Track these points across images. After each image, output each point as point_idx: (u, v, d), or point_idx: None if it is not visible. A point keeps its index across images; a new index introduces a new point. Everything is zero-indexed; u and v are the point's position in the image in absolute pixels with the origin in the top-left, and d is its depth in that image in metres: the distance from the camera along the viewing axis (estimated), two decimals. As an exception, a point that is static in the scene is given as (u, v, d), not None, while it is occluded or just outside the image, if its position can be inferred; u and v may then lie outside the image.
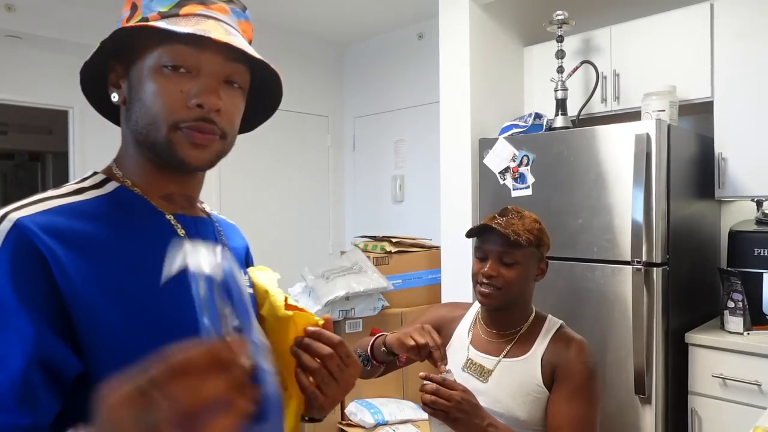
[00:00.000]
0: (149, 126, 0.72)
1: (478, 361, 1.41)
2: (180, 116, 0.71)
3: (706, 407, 2.12)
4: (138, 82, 0.73)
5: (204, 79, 0.72)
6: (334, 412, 2.83)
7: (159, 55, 0.71)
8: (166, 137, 0.72)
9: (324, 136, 4.36)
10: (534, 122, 2.60)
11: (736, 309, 2.16)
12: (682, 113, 2.44)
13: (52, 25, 3.25)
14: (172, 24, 0.70)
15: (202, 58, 0.71)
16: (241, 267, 0.91)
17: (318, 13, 3.74)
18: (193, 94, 0.71)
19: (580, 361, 1.34)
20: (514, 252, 1.35)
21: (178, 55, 0.71)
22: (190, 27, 0.70)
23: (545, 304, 2.36)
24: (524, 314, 1.43)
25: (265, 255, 3.84)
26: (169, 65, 0.71)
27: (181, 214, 0.80)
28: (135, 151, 0.76)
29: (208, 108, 0.71)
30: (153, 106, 0.71)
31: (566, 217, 2.33)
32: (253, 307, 0.88)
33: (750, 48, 2.28)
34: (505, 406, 1.34)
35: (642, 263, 2.09)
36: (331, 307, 2.80)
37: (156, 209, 0.76)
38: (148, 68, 0.72)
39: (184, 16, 0.73)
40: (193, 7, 0.74)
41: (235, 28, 0.77)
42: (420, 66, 3.86)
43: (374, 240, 3.34)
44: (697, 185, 2.37)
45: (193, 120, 0.71)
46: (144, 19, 0.73)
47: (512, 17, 2.98)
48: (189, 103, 0.71)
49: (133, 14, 0.75)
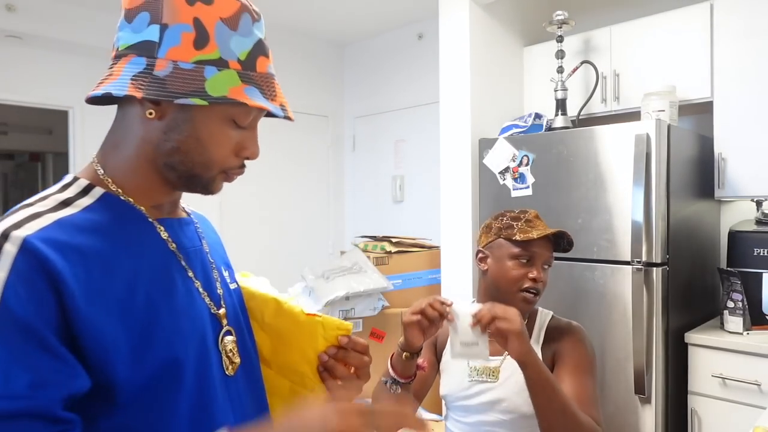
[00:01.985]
0: (200, 165, 0.74)
1: (487, 363, 1.41)
2: (230, 164, 0.76)
3: (705, 407, 2.12)
4: (200, 120, 0.72)
5: (251, 130, 0.77)
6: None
7: (233, 110, 0.73)
8: (213, 178, 0.76)
9: (324, 136, 4.36)
10: (534, 122, 2.60)
11: (736, 309, 2.16)
12: (682, 113, 2.44)
13: (52, 25, 3.25)
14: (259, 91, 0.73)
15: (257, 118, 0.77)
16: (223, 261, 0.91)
17: (318, 13, 3.74)
18: (243, 146, 0.76)
19: (575, 340, 1.39)
20: (552, 256, 1.43)
21: (248, 119, 0.75)
22: (272, 100, 0.74)
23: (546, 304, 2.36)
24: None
25: (265, 255, 3.86)
26: (235, 122, 0.74)
27: (169, 218, 0.80)
28: (146, 164, 0.74)
29: (254, 159, 0.78)
30: (213, 152, 0.74)
31: (566, 217, 2.33)
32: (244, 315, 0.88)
33: (750, 48, 2.28)
34: (512, 403, 1.35)
35: (642, 263, 2.09)
36: (331, 307, 2.80)
37: (144, 216, 0.76)
38: (219, 114, 0.72)
39: (260, 74, 0.74)
40: (264, 62, 0.75)
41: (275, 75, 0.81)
42: (420, 66, 3.86)
43: (374, 240, 3.34)
44: (697, 185, 2.37)
45: (238, 167, 0.78)
46: (223, 61, 0.70)
47: (512, 17, 2.98)
48: (242, 154, 0.77)
49: (204, 43, 0.70)
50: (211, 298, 0.80)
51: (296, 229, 4.13)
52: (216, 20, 0.70)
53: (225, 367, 0.79)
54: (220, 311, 0.81)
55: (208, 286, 0.81)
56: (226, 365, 0.79)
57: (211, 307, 0.80)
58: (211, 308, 0.80)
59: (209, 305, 0.80)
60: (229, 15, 0.71)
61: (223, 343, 0.79)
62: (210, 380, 0.75)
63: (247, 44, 0.72)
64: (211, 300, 0.80)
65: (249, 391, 0.83)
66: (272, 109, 0.73)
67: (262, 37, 0.75)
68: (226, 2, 0.71)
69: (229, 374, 0.79)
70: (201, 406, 0.73)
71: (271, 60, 0.77)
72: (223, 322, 0.81)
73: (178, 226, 0.81)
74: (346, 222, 4.46)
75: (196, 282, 0.79)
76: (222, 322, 0.81)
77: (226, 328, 0.81)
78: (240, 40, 0.71)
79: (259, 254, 3.83)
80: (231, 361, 0.80)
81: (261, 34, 0.75)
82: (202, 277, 0.80)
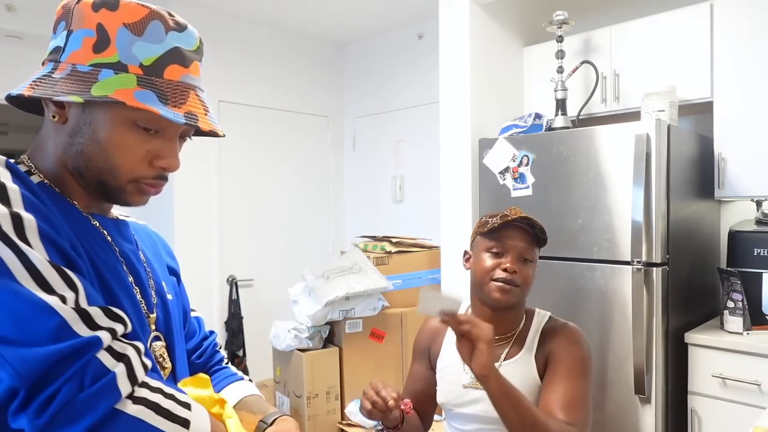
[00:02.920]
0: (105, 171, 0.73)
1: None
2: (141, 173, 0.74)
3: (705, 407, 2.12)
4: (99, 123, 0.71)
5: (168, 141, 0.74)
6: (335, 412, 2.83)
7: (135, 113, 0.71)
8: (122, 188, 0.74)
9: (324, 136, 4.36)
10: (534, 122, 2.60)
11: (736, 309, 2.16)
12: (682, 113, 2.44)
13: (52, 25, 3.25)
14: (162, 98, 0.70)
15: (172, 124, 0.73)
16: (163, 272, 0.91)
17: (318, 13, 3.74)
18: (157, 155, 0.73)
19: (570, 342, 1.36)
20: (533, 250, 1.38)
21: (155, 122, 0.72)
22: (178, 108, 0.71)
23: (546, 304, 2.36)
24: (521, 314, 1.44)
25: (265, 255, 3.85)
26: (142, 126, 0.72)
27: (100, 215, 0.80)
28: (62, 169, 0.75)
29: (171, 171, 0.75)
30: (116, 157, 0.72)
31: (566, 217, 2.33)
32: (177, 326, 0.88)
33: (750, 48, 2.28)
34: None
35: (642, 263, 2.10)
36: (331, 307, 2.80)
37: (80, 211, 0.76)
38: (117, 117, 0.71)
39: (168, 82, 0.72)
40: (176, 70, 0.73)
41: (203, 89, 0.78)
42: (420, 66, 3.86)
43: (374, 240, 3.34)
44: (697, 185, 2.37)
45: (152, 178, 0.75)
46: (122, 65, 0.70)
47: (512, 17, 2.98)
48: (155, 163, 0.73)
49: (104, 47, 0.71)
50: (144, 300, 0.80)
51: (296, 229, 4.13)
52: (119, 25, 0.71)
53: None
54: (151, 315, 0.81)
55: (141, 287, 0.81)
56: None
57: (142, 306, 0.79)
58: (143, 308, 0.79)
59: (141, 304, 0.79)
60: (134, 21, 0.71)
61: (152, 347, 0.79)
62: None
63: (155, 51, 0.72)
64: (144, 301, 0.80)
65: None
66: (163, 113, 0.69)
67: (186, 48, 0.74)
68: (132, 8, 0.72)
69: None
70: None
71: (195, 72, 0.76)
72: (152, 327, 0.81)
73: (113, 225, 0.82)
74: (346, 222, 4.46)
75: (130, 277, 0.79)
76: (150, 326, 0.80)
77: (155, 333, 0.81)
78: (145, 46, 0.71)
79: (258, 254, 3.83)
80: (162, 366, 0.80)
81: (183, 45, 0.74)
82: (135, 277, 0.80)
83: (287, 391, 2.89)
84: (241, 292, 3.66)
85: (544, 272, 2.40)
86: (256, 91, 3.85)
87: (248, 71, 3.81)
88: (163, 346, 0.82)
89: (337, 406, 2.85)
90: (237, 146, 3.71)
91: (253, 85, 3.83)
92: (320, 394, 2.78)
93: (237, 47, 3.75)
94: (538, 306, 1.50)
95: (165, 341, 0.83)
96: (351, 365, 2.88)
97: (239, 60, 3.76)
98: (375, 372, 2.86)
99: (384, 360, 2.97)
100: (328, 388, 2.81)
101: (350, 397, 2.84)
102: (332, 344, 2.94)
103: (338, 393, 2.85)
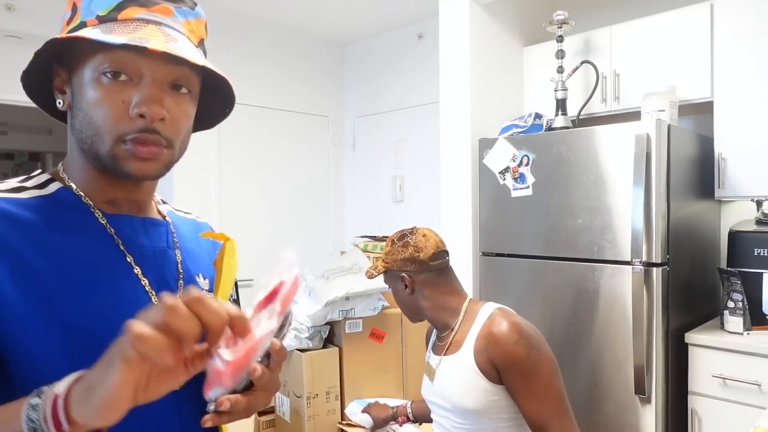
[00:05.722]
0: (93, 137, 0.70)
1: (430, 362, 1.51)
2: (123, 128, 0.68)
3: (706, 407, 2.12)
4: (79, 89, 0.70)
5: (146, 87, 0.68)
6: (335, 412, 2.83)
7: (98, 61, 0.68)
8: (111, 151, 0.69)
9: (324, 136, 4.35)
10: (534, 122, 2.60)
11: (736, 309, 2.16)
12: (682, 113, 2.44)
13: (52, 25, 3.25)
14: (108, 31, 0.67)
15: (143, 64, 0.68)
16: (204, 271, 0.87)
17: (318, 13, 3.73)
18: (134, 103, 0.67)
19: (512, 343, 1.32)
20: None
21: (118, 62, 0.68)
22: (126, 35, 0.67)
23: (546, 304, 2.37)
24: (445, 318, 1.48)
25: (265, 255, 3.85)
26: (108, 72, 0.68)
27: (128, 215, 0.78)
28: (80, 156, 0.74)
29: (151, 118, 0.68)
30: (95, 117, 0.69)
31: (566, 217, 2.33)
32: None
33: (750, 48, 2.28)
34: (450, 400, 1.40)
35: (642, 263, 2.09)
36: (331, 307, 2.80)
37: (90, 210, 0.74)
38: (89, 76, 0.69)
39: (122, 21, 0.69)
40: (132, 11, 0.70)
41: (180, 30, 0.73)
42: (420, 66, 3.86)
43: (374, 240, 3.34)
44: (697, 185, 2.37)
45: (137, 132, 0.68)
46: (82, 23, 0.70)
47: (512, 17, 2.98)
48: (131, 112, 0.68)
49: (74, 16, 0.72)
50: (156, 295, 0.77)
51: (296, 229, 4.13)
52: None
53: None
54: None
55: (161, 287, 0.77)
56: None
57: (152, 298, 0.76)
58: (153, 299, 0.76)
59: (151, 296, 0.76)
60: None
61: None
62: None
63: (111, 1, 0.70)
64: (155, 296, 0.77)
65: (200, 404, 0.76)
66: (93, 37, 0.66)
67: None
68: None
69: None
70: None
71: (163, 12, 0.72)
72: None
73: (140, 224, 0.78)
74: (346, 222, 4.46)
75: (144, 280, 0.75)
76: None
77: None
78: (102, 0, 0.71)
79: (258, 254, 3.82)
80: None
81: None
82: (153, 278, 0.77)
83: (287, 391, 2.89)
84: (241, 292, 3.62)
85: (544, 272, 2.41)
86: (256, 91, 3.85)
87: (248, 71, 3.81)
88: None
89: (337, 406, 2.85)
90: (237, 146, 3.71)
91: (252, 85, 3.83)
92: (320, 394, 2.78)
93: (237, 47, 3.75)
94: (539, 307, 1.51)
95: None
96: (351, 365, 2.88)
97: (239, 60, 3.76)
98: (375, 372, 2.85)
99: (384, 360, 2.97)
100: (328, 389, 2.81)
101: (350, 397, 2.84)
102: (332, 344, 2.94)
103: (338, 393, 2.85)
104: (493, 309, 1.43)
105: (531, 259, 2.45)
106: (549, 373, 1.32)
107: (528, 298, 2.41)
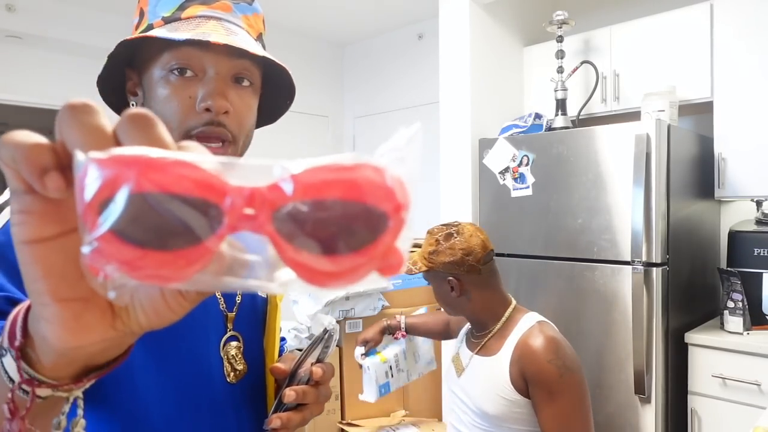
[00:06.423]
0: None
1: (461, 355, 1.50)
2: (191, 123, 0.70)
3: (705, 407, 2.12)
4: (150, 88, 0.72)
5: (210, 81, 0.70)
6: (335, 412, 2.83)
7: (166, 60, 0.70)
8: None
9: (324, 136, 4.36)
10: (534, 122, 2.60)
11: (736, 309, 2.16)
12: (682, 113, 2.44)
13: (52, 25, 3.25)
14: (173, 30, 0.70)
15: (206, 58, 0.70)
16: None
17: (318, 13, 3.74)
18: (200, 97, 0.69)
19: (545, 361, 1.29)
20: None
21: (183, 58, 0.70)
22: (189, 31, 0.69)
23: (546, 304, 2.37)
24: (486, 319, 1.44)
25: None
26: (176, 69, 0.70)
27: None
28: None
29: (216, 111, 0.69)
30: (165, 114, 0.70)
31: (566, 217, 2.33)
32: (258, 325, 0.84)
33: (750, 48, 2.28)
34: (474, 400, 1.39)
35: (642, 263, 2.09)
36: (331, 307, 2.80)
37: None
38: (158, 75, 0.71)
39: (185, 19, 0.72)
40: (195, 9, 0.73)
41: (240, 25, 0.76)
42: (420, 66, 3.86)
43: (374, 240, 3.34)
44: (697, 185, 2.37)
45: (203, 125, 0.70)
46: (149, 26, 0.73)
47: (512, 17, 2.98)
48: (197, 107, 0.69)
49: (141, 21, 0.75)
50: (224, 298, 0.78)
51: (296, 229, 4.13)
52: None
53: (226, 373, 0.76)
54: (229, 314, 0.78)
55: None
56: (228, 372, 0.76)
57: (220, 303, 0.77)
58: (221, 305, 0.77)
59: (220, 302, 0.77)
60: None
61: (225, 348, 0.76)
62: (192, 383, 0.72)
63: (174, 2, 0.73)
64: (223, 299, 0.78)
65: (253, 402, 0.79)
66: (158, 35, 0.68)
67: None
68: None
69: (230, 381, 0.76)
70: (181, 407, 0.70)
71: (223, 9, 0.74)
72: (228, 326, 0.78)
73: None
74: (346, 222, 4.46)
75: None
76: (227, 325, 0.77)
77: (231, 333, 0.78)
78: (166, 2, 0.73)
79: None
80: (233, 367, 0.77)
81: None
82: None
83: (287, 391, 2.89)
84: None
85: (544, 272, 2.41)
86: (256, 91, 3.86)
87: (248, 71, 3.81)
88: (239, 347, 0.78)
89: (337, 406, 2.85)
90: (237, 146, 3.71)
91: (253, 85, 3.83)
92: (320, 394, 2.78)
93: (237, 47, 3.75)
94: (539, 307, 1.51)
95: (242, 342, 0.78)
96: (351, 365, 2.88)
97: (239, 60, 3.76)
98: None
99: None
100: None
101: (350, 397, 2.84)
102: (332, 344, 2.94)
103: (338, 393, 2.85)
104: (534, 321, 1.40)
105: (531, 259, 2.45)
106: (578, 399, 1.28)
107: (528, 299, 2.41)
